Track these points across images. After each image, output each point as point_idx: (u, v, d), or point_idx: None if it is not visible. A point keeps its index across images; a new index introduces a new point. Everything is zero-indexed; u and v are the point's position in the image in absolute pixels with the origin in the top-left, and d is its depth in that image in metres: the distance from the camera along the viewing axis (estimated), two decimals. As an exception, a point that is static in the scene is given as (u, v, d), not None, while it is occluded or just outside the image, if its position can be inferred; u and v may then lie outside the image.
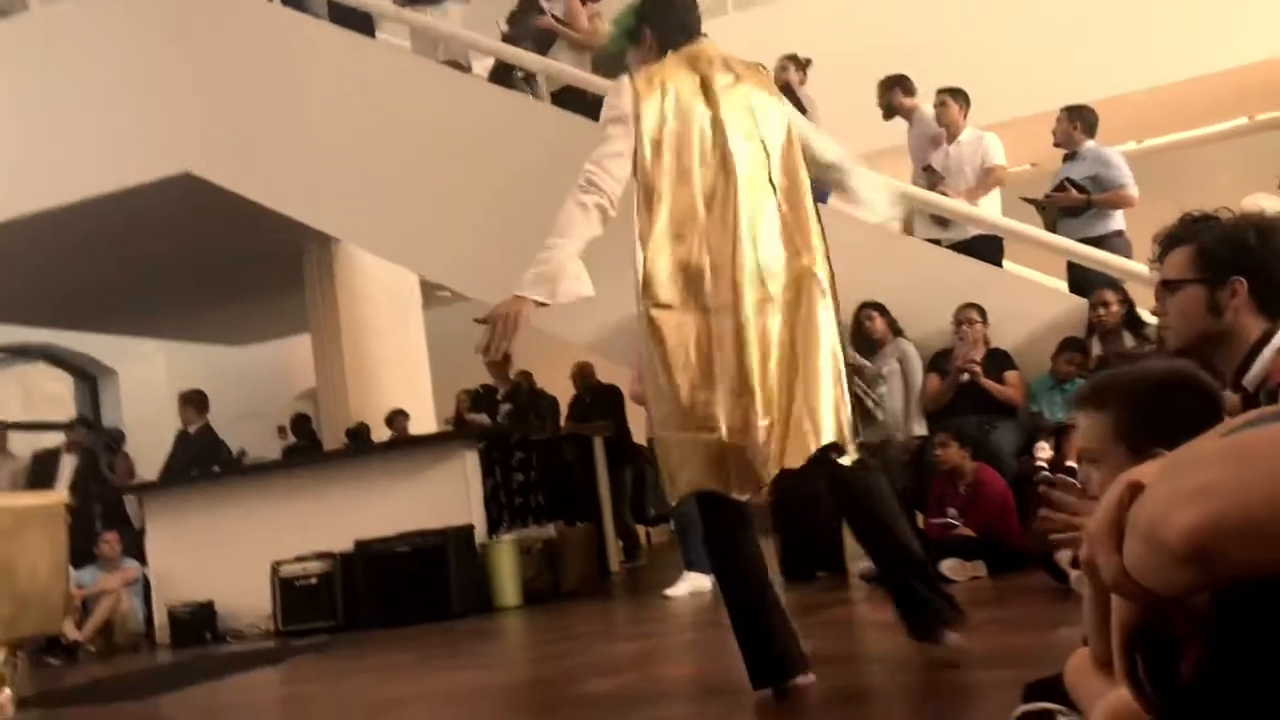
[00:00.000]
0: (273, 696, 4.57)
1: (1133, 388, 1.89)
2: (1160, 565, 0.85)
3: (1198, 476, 0.82)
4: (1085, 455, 1.93)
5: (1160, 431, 1.84)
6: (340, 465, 7.62)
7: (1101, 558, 0.99)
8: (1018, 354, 6.10)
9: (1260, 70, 9.09)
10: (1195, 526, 0.79)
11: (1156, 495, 0.87)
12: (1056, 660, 3.00)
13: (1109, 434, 1.86)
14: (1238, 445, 0.82)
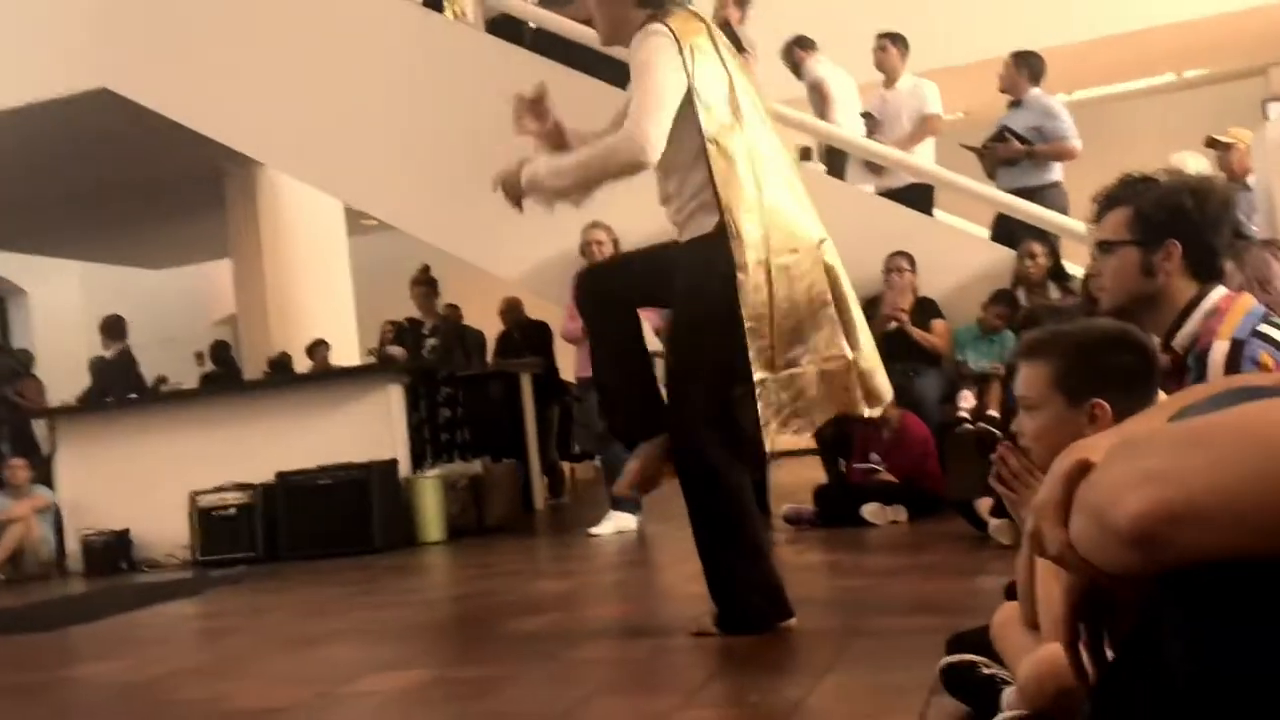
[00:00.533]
0: (190, 630, 4.50)
1: (1076, 340, 1.94)
2: (1107, 546, 0.85)
3: (1148, 461, 0.81)
4: (1023, 402, 1.97)
5: (1098, 384, 1.88)
6: (262, 395, 7.49)
7: (1047, 531, 0.99)
8: (945, 303, 6.17)
9: (1188, 29, 9.21)
10: (1143, 512, 0.79)
11: (1107, 477, 0.87)
12: (977, 609, 3.06)
13: (1049, 383, 1.91)
14: (1189, 431, 0.82)
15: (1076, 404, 1.89)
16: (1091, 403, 1.88)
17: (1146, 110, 11.25)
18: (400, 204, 7.36)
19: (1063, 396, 1.90)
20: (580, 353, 6.43)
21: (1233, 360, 2.15)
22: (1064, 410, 1.90)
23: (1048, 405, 1.91)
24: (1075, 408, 1.89)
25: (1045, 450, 1.94)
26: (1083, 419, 1.89)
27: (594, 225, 6.39)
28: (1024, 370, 1.97)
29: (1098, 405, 1.88)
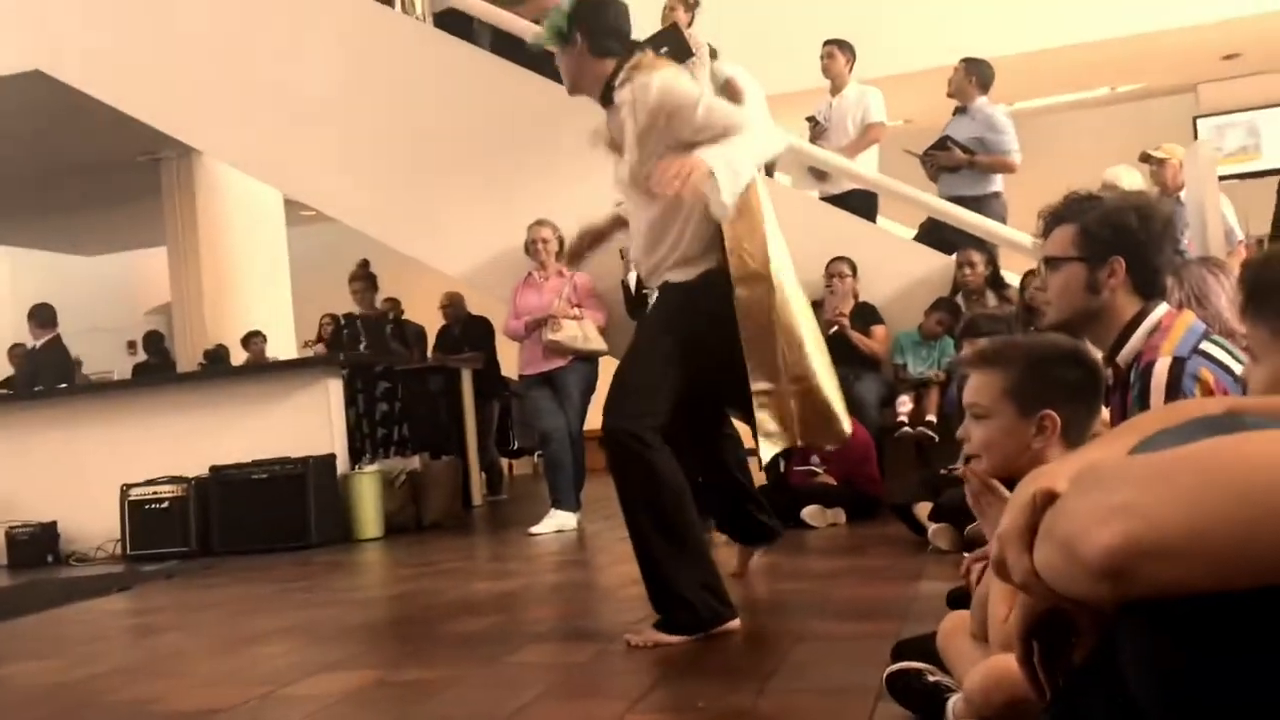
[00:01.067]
0: (121, 627, 4.40)
1: (1029, 352, 1.98)
2: (1075, 577, 0.85)
3: (1117, 494, 0.82)
4: (972, 410, 2.00)
5: (1048, 396, 1.92)
6: (197, 387, 7.35)
7: (1011, 557, 1.00)
8: (885, 308, 6.23)
9: (1122, 45, 9.41)
10: (1113, 546, 0.80)
11: (1075, 508, 0.87)
12: (919, 614, 3.10)
13: (1001, 392, 1.95)
14: (1158, 465, 0.83)
15: (1027, 414, 1.92)
16: (1041, 414, 1.91)
17: (1081, 122, 11.46)
18: (341, 196, 7.25)
19: (1014, 406, 1.93)
20: (523, 349, 6.40)
21: (1174, 377, 2.19)
22: (1014, 420, 1.93)
23: (998, 414, 1.95)
24: (1025, 418, 1.92)
25: (993, 458, 1.96)
26: (1031, 429, 1.92)
27: (539, 223, 6.36)
28: (975, 378, 2.00)
29: (1047, 416, 1.91)
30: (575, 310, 6.26)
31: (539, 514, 6.40)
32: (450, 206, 6.87)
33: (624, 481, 3.02)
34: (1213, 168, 5.20)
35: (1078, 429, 1.93)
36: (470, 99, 6.89)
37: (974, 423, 1.98)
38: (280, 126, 7.21)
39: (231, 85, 7.29)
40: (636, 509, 2.99)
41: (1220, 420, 1.04)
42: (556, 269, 6.38)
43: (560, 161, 6.64)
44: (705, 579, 3.00)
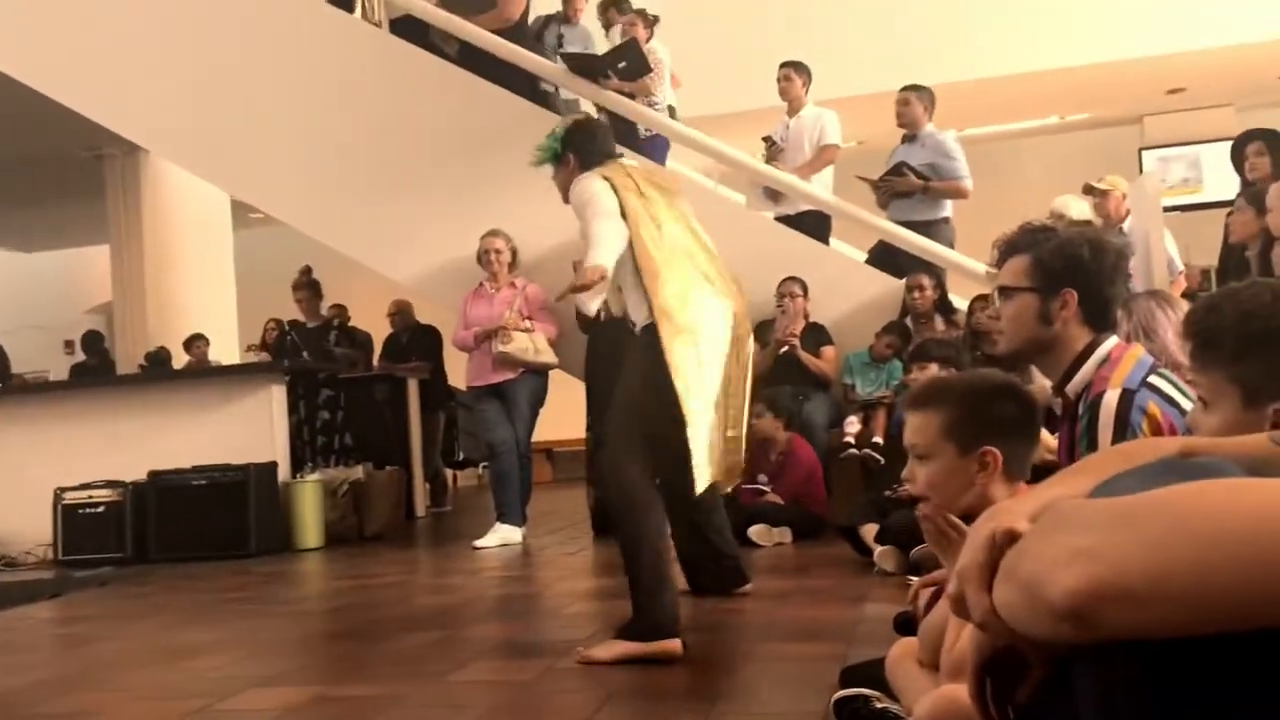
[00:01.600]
0: (52, 636, 4.29)
1: (964, 391, 2.00)
2: (1037, 618, 0.86)
3: (1081, 537, 0.83)
4: (913, 450, 2.00)
5: (986, 433, 1.93)
6: (137, 390, 7.22)
7: (971, 595, 1.00)
8: (835, 329, 6.27)
9: (1073, 74, 9.57)
10: (1077, 589, 0.80)
11: (1038, 550, 0.87)
12: (865, 637, 3.11)
13: (939, 432, 1.95)
14: (1122, 510, 0.83)
15: (967, 452, 1.93)
16: (981, 450, 1.92)
17: (1030, 150, 11.65)
18: (290, 199, 7.16)
19: (953, 445, 1.94)
20: (472, 360, 6.36)
21: (1123, 409, 2.22)
22: (955, 459, 1.94)
23: (939, 454, 1.95)
24: (966, 456, 1.93)
25: (939, 498, 1.97)
26: (973, 466, 1.93)
27: (492, 233, 6.33)
28: (913, 419, 2.01)
29: (988, 452, 1.92)
30: (526, 322, 6.23)
31: (483, 526, 6.35)
32: (402, 214, 6.82)
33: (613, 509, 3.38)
34: (1158, 200, 5.31)
35: (1018, 463, 1.95)
36: (426, 107, 6.85)
37: (917, 463, 1.99)
38: (230, 126, 7.11)
39: (180, 83, 7.18)
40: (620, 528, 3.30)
41: (1181, 464, 1.05)
42: (508, 280, 6.35)
43: (515, 173, 6.59)
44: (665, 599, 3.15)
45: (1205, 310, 1.57)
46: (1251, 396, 1.47)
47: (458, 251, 6.52)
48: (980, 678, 1.11)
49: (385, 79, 6.93)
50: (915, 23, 9.22)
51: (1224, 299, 1.57)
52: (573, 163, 3.51)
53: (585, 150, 3.52)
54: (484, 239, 6.32)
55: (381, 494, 7.17)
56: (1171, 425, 2.21)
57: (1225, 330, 1.50)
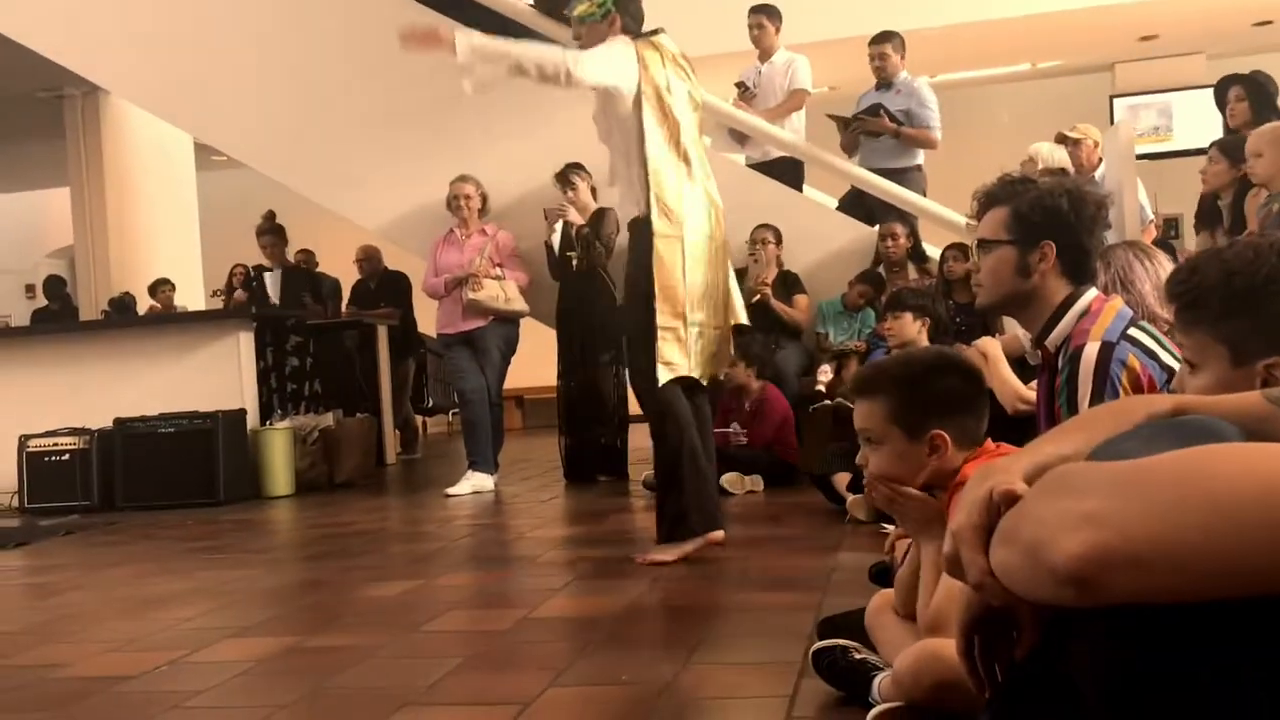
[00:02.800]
0: (19, 586, 4.24)
1: (901, 374, 1.98)
2: (1039, 583, 0.85)
3: (1086, 502, 0.82)
4: (863, 435, 2.00)
5: (932, 413, 1.92)
6: (102, 336, 7.11)
7: (967, 556, 0.99)
8: (807, 277, 6.25)
9: (1045, 20, 9.50)
10: (1082, 554, 0.79)
11: (1040, 513, 0.86)
12: (837, 585, 3.13)
13: (885, 418, 1.94)
14: (1128, 474, 0.82)
15: (915, 436, 1.92)
16: (931, 434, 1.91)
17: (1002, 97, 11.60)
18: (255, 143, 7.03)
19: (901, 430, 1.93)
20: (441, 307, 6.29)
21: (1102, 361, 2.22)
22: (905, 443, 1.93)
23: (888, 440, 1.95)
24: (915, 440, 1.92)
25: (894, 479, 1.95)
26: (924, 449, 1.92)
27: (462, 179, 6.24)
28: (859, 405, 2.00)
29: (937, 436, 1.91)
30: (496, 269, 6.17)
31: (454, 474, 6.34)
32: (370, 158, 6.70)
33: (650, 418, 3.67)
34: (1131, 149, 5.29)
35: (969, 434, 1.94)
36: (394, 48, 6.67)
37: (869, 447, 1.99)
38: (192, 68, 6.95)
39: (140, 23, 6.99)
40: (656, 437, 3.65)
41: (1180, 425, 1.03)
42: (478, 226, 6.28)
43: (487, 118, 6.51)
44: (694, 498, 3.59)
45: (1188, 271, 1.55)
46: (1239, 355, 1.46)
47: (427, 197, 6.43)
48: (969, 636, 1.11)
49: (353, 19, 6.78)
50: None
51: (1206, 259, 1.56)
52: (616, 23, 3.77)
53: (629, 13, 3.80)
54: (454, 184, 6.23)
55: (351, 441, 7.12)
56: (1150, 378, 2.21)
57: (1209, 290, 1.49)
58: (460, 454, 6.41)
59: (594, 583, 3.50)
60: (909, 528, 1.95)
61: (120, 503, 6.36)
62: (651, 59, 3.68)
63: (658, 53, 3.72)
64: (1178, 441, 0.94)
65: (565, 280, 6.20)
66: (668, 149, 3.62)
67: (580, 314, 6.14)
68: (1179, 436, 0.95)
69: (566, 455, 6.33)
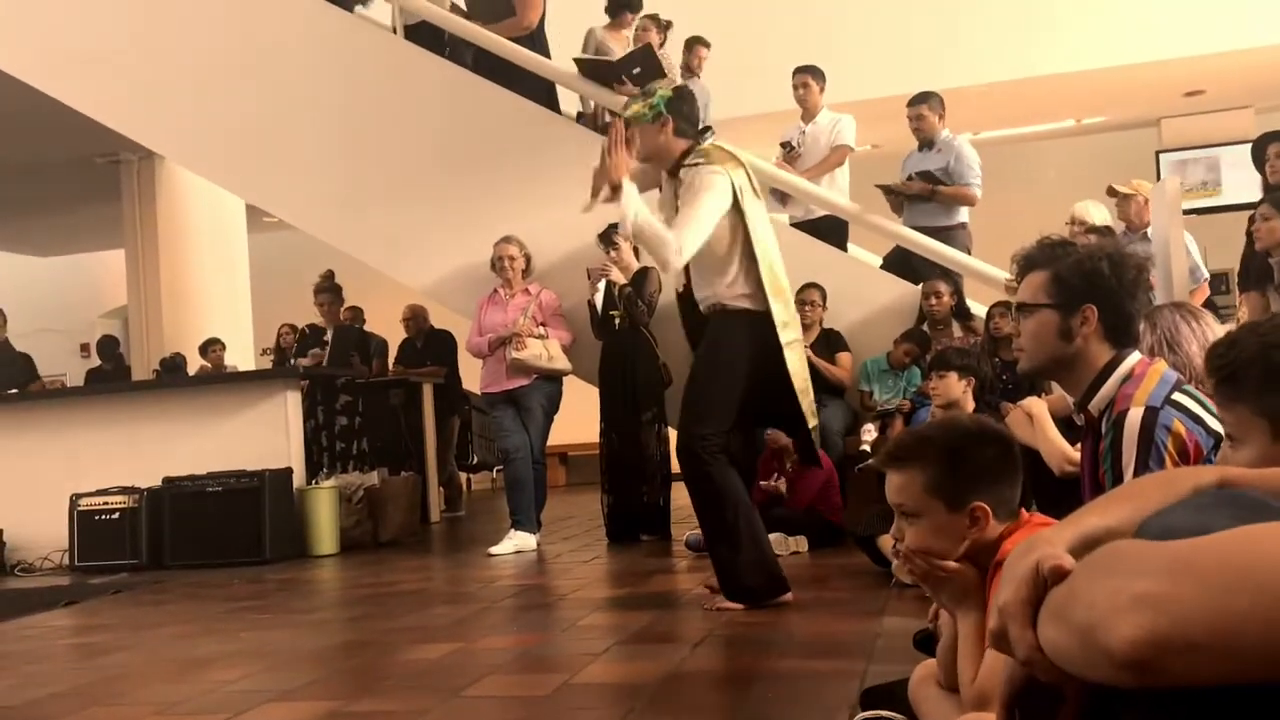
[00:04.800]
0: (67, 646, 4.29)
1: (938, 444, 1.92)
2: (1093, 664, 0.84)
3: (1139, 583, 0.81)
4: (900, 509, 1.94)
5: (972, 483, 1.87)
6: (152, 395, 7.23)
7: (1015, 633, 0.98)
8: (851, 335, 6.24)
9: (1089, 77, 9.50)
10: (1137, 639, 0.79)
11: (1092, 593, 0.85)
12: (881, 652, 3.09)
13: (922, 491, 1.89)
14: (1182, 556, 0.81)
15: (956, 508, 1.87)
16: (972, 506, 1.86)
17: (1046, 154, 11.58)
18: (305, 205, 7.17)
19: (941, 502, 1.88)
20: (486, 366, 6.35)
21: (1146, 427, 2.19)
22: (945, 516, 1.88)
23: (927, 513, 1.89)
24: (955, 512, 1.87)
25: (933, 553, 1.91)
26: (964, 521, 1.87)
27: (506, 240, 6.32)
28: (894, 479, 1.94)
29: (978, 508, 1.86)
30: (539, 329, 6.22)
31: (498, 532, 6.35)
32: (416, 220, 6.82)
33: (693, 490, 3.81)
34: (1178, 205, 5.23)
35: (1006, 504, 1.90)
36: (441, 113, 6.85)
37: (905, 521, 1.92)
38: (245, 132, 7.12)
39: (195, 90, 7.19)
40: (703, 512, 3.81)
41: (1232, 498, 1.02)
42: (522, 286, 6.34)
43: (530, 180, 6.61)
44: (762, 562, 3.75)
45: (1227, 345, 1.54)
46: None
47: (472, 258, 6.52)
48: (1011, 710, 1.10)
49: (400, 85, 6.93)
50: (929, 25, 9.16)
51: (1245, 333, 1.55)
52: (669, 125, 3.86)
53: (682, 115, 3.89)
54: (498, 245, 6.31)
55: (396, 499, 7.16)
56: (1197, 443, 2.18)
57: (1248, 363, 1.48)
58: (504, 511, 6.43)
59: (636, 647, 3.47)
60: (945, 601, 1.92)
61: (168, 561, 6.43)
62: (736, 173, 3.82)
63: (737, 164, 3.86)
64: (1228, 515, 0.94)
65: (608, 339, 6.23)
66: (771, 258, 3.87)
67: (623, 372, 6.16)
68: (1229, 509, 0.94)
69: (609, 514, 6.32)
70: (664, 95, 3.89)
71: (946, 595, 1.90)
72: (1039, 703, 1.07)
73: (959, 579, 1.86)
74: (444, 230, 6.76)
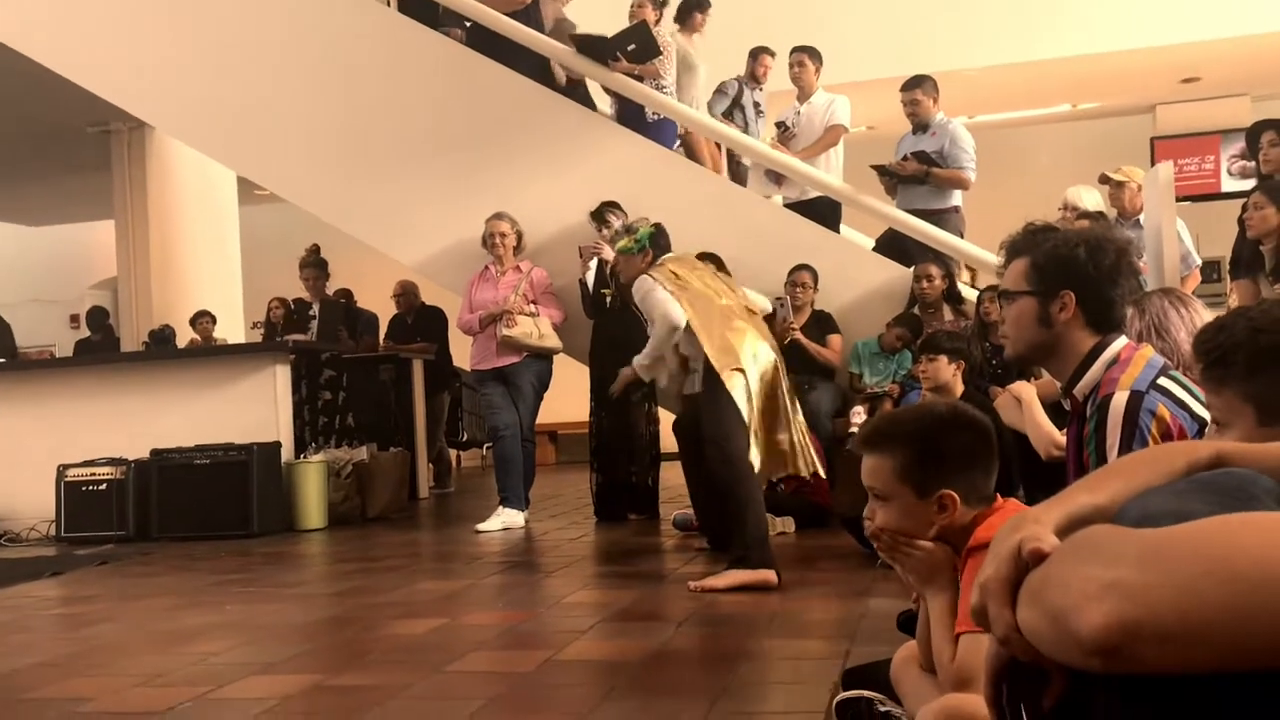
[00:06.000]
0: (52, 616, 4.28)
1: (910, 431, 1.93)
2: (1064, 649, 0.84)
3: (1110, 570, 0.81)
4: (871, 491, 1.95)
5: (943, 471, 1.87)
6: (141, 367, 7.21)
7: (993, 610, 0.98)
8: (841, 316, 6.23)
9: (1084, 62, 9.48)
10: (1106, 625, 0.79)
11: (1066, 578, 0.85)
12: (865, 633, 3.10)
13: (893, 475, 1.90)
14: (1154, 545, 0.81)
15: (925, 495, 1.88)
16: (940, 494, 1.87)
17: (1041, 138, 11.56)
18: (296, 178, 7.13)
19: (910, 488, 1.89)
20: (476, 344, 6.33)
21: (1131, 410, 2.19)
22: (914, 501, 1.89)
23: (897, 497, 1.90)
24: (924, 499, 1.88)
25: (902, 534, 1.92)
26: (933, 507, 1.88)
27: (497, 216, 6.30)
28: (868, 461, 1.95)
29: (946, 496, 1.86)
30: (530, 306, 6.20)
31: (485, 509, 6.35)
32: (407, 195, 6.78)
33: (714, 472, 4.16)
34: (1171, 192, 5.23)
35: (978, 492, 1.90)
36: (434, 88, 6.81)
37: (877, 503, 1.94)
38: (237, 104, 7.07)
39: (187, 60, 7.14)
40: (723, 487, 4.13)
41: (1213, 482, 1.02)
42: (513, 264, 6.32)
43: (523, 157, 6.58)
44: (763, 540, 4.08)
45: (1215, 330, 1.54)
46: (1266, 413, 1.44)
47: (463, 234, 6.50)
48: (998, 684, 1.10)
49: (393, 59, 6.89)
50: (924, 7, 9.13)
51: (1233, 317, 1.55)
52: (649, 255, 4.64)
53: (658, 247, 4.69)
54: (489, 222, 6.29)
55: (385, 475, 7.15)
56: (1181, 428, 2.18)
57: (1236, 348, 1.48)
58: (492, 488, 6.43)
59: (621, 625, 3.48)
60: (913, 580, 1.93)
61: (155, 533, 6.42)
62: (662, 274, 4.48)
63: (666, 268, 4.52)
64: (1208, 499, 0.93)
65: (599, 317, 6.22)
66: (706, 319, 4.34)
67: (614, 351, 6.13)
68: (1211, 495, 0.94)
69: (597, 493, 6.33)
70: (647, 232, 4.70)
71: (915, 574, 1.91)
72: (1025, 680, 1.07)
73: (927, 558, 1.87)
74: (435, 206, 6.73)
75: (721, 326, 4.33)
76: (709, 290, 4.49)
